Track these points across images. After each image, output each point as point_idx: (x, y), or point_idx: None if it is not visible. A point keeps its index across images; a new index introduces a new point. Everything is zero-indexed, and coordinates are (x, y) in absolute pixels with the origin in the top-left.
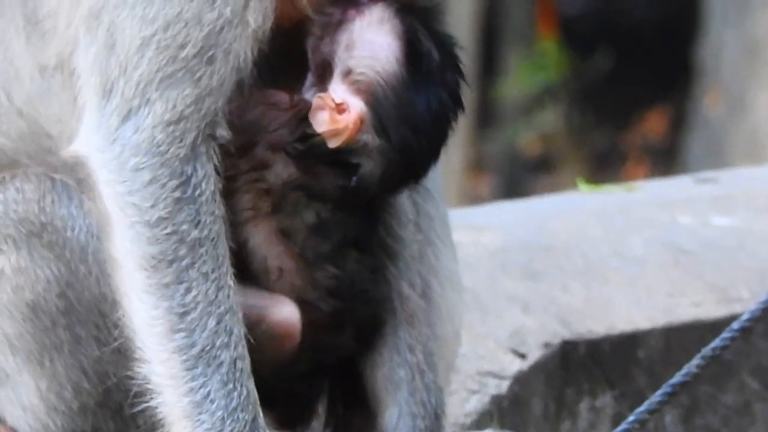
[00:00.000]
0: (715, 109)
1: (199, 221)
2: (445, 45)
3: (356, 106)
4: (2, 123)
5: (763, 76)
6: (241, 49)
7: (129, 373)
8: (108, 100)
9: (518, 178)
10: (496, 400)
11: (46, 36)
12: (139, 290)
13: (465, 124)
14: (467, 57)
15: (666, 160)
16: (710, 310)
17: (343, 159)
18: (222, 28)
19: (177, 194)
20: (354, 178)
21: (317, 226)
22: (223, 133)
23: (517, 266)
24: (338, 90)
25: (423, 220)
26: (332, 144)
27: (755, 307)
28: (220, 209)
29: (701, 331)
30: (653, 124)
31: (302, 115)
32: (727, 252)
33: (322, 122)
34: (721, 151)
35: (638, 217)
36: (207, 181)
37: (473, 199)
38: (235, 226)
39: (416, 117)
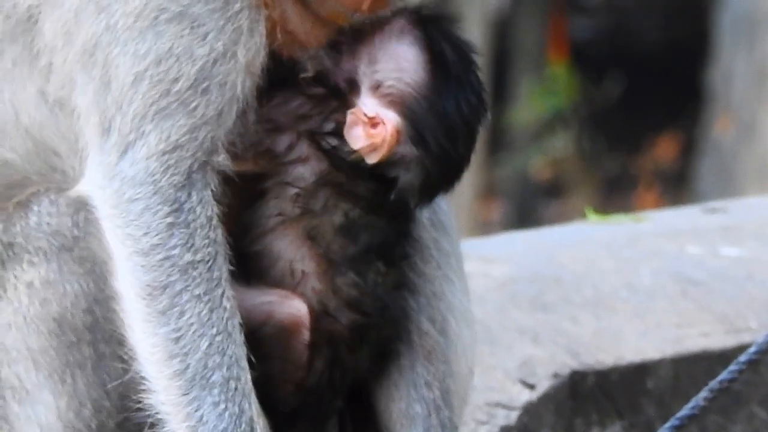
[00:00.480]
0: (726, 134)
1: (192, 245)
2: (464, 49)
3: (391, 118)
4: (11, 139)
5: None
6: (237, 80)
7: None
8: (107, 137)
9: (529, 203)
10: (505, 430)
11: (44, 70)
12: (139, 320)
13: (476, 150)
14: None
15: (677, 184)
16: (719, 340)
17: (380, 174)
18: (215, 62)
19: (169, 220)
20: (393, 191)
21: (344, 227)
22: (223, 160)
23: (526, 297)
24: (369, 104)
25: (441, 257)
26: (371, 159)
27: (764, 338)
28: (216, 233)
29: (710, 361)
30: (664, 149)
31: (334, 107)
32: (736, 282)
33: (357, 138)
34: (732, 176)
35: (647, 247)
36: (202, 206)
37: (484, 224)
38: (259, 231)
39: (449, 122)
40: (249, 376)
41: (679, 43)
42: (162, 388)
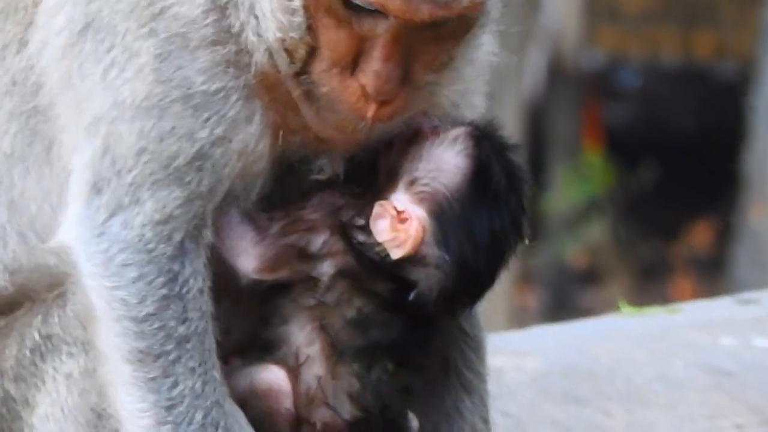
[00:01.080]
0: (762, 220)
1: (186, 318)
2: (515, 173)
3: (418, 215)
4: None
5: None
6: (229, 163)
7: None
8: (98, 196)
9: (565, 290)
10: None
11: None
12: (126, 383)
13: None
14: None
15: (713, 271)
16: (752, 431)
17: (402, 274)
18: (212, 144)
19: (164, 291)
20: (411, 293)
21: (356, 321)
22: (208, 235)
23: (558, 391)
24: (401, 198)
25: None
26: (395, 255)
27: None
28: (207, 305)
29: None
30: (699, 236)
31: (369, 201)
32: None
33: (383, 230)
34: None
35: (680, 339)
36: (194, 278)
37: (520, 310)
38: (273, 314)
39: (477, 233)
40: None
41: (713, 130)
42: None
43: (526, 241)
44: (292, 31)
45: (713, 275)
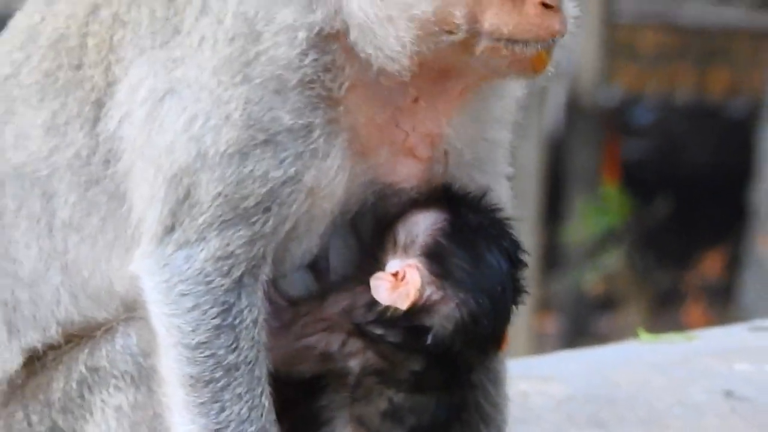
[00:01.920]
0: None
1: (236, 347)
2: (494, 216)
3: (410, 263)
4: (105, 306)
5: None
6: (296, 202)
7: None
8: (169, 233)
9: (583, 316)
10: None
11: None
12: (178, 406)
13: (533, 266)
14: (534, 202)
15: (723, 298)
16: None
17: (417, 324)
18: (283, 184)
19: (217, 321)
20: (429, 337)
21: (389, 412)
22: (267, 271)
23: (583, 416)
24: (393, 264)
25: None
26: (404, 305)
27: None
28: (260, 335)
29: None
30: (710, 265)
31: (370, 300)
32: None
33: (385, 294)
34: None
35: (697, 366)
36: (249, 309)
37: (540, 336)
38: (318, 419)
39: (488, 273)
40: None
41: (725, 165)
42: None
43: (525, 256)
44: (439, 13)
45: (723, 302)
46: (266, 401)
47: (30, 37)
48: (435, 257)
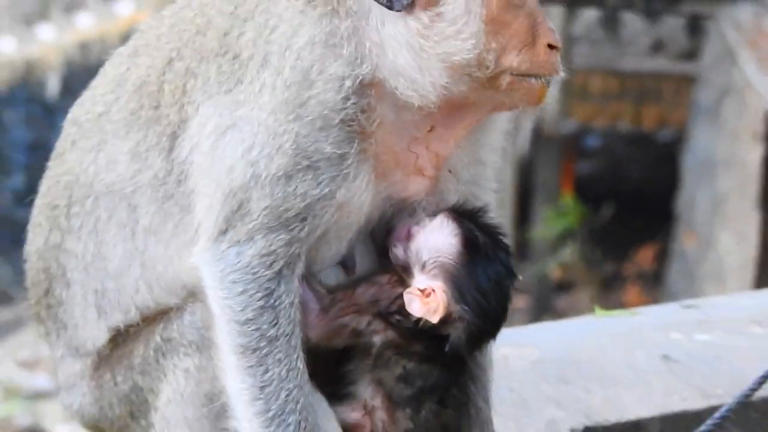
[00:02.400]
0: (689, 246)
1: (276, 323)
2: (495, 233)
3: (438, 285)
4: (176, 295)
5: (725, 222)
6: (327, 214)
7: None
8: (224, 234)
9: (546, 297)
10: None
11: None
12: (232, 369)
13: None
14: (509, 208)
15: (653, 283)
16: (695, 403)
17: (438, 332)
18: (318, 200)
19: (261, 303)
20: (450, 344)
21: (403, 377)
22: (301, 265)
23: (552, 374)
24: (420, 281)
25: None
26: (434, 319)
27: (730, 402)
28: (295, 314)
29: (687, 420)
30: (644, 256)
31: (398, 292)
32: (706, 361)
33: (417, 309)
34: (695, 277)
35: (641, 335)
36: (287, 294)
37: (513, 311)
38: (347, 377)
39: (482, 283)
40: (316, 420)
41: (655, 179)
42: (246, 420)
43: (519, 278)
44: (476, 48)
45: (654, 286)
46: (301, 364)
47: (118, 83)
48: (455, 284)
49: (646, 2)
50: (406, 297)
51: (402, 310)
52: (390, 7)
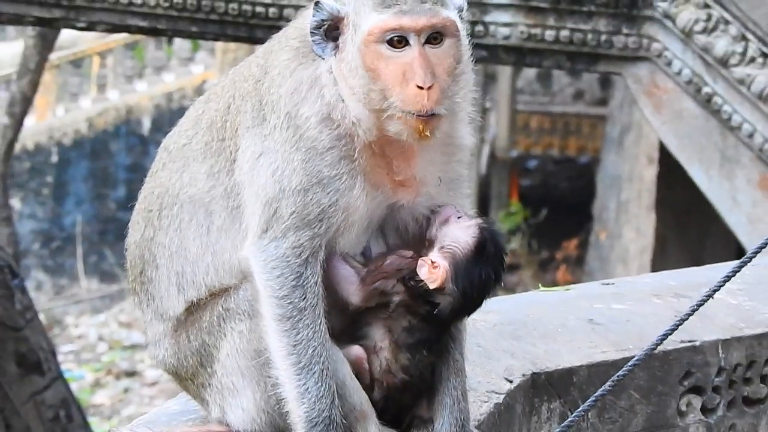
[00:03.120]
0: (603, 239)
1: (305, 297)
2: (500, 247)
3: (444, 264)
4: (235, 277)
5: (628, 221)
6: (337, 215)
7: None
8: (264, 233)
9: None
10: (497, 406)
11: (237, 225)
12: (272, 333)
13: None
14: (473, 211)
15: (576, 266)
16: (612, 355)
17: (432, 299)
18: (329, 206)
19: (293, 283)
20: (437, 309)
21: (408, 328)
22: (322, 254)
23: (508, 332)
24: (434, 255)
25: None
26: (432, 285)
27: (638, 354)
28: (319, 290)
29: (607, 367)
30: (570, 246)
31: (414, 265)
32: (621, 323)
33: (423, 273)
34: (607, 261)
35: (572, 305)
36: (312, 275)
37: None
38: (363, 321)
39: (474, 278)
40: (335, 366)
41: (577, 190)
42: (283, 371)
43: (502, 285)
44: (365, 86)
45: (577, 268)
46: (323, 327)
47: (196, 122)
48: (455, 269)
49: (571, 64)
50: (419, 261)
51: (417, 277)
52: (320, 56)
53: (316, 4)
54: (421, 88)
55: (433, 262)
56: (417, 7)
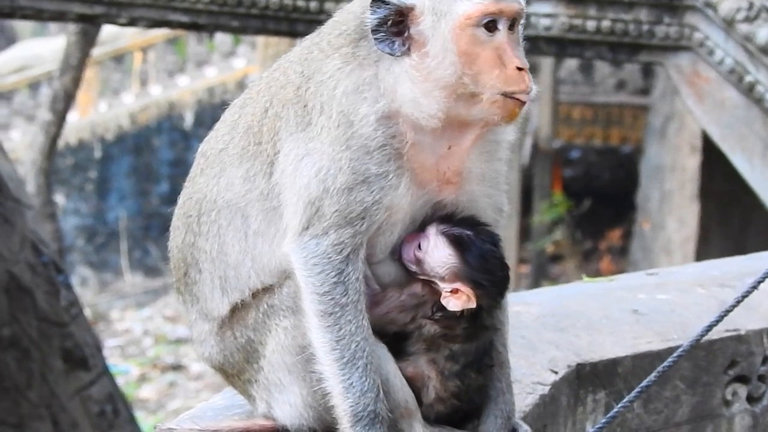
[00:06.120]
0: (646, 229)
1: (346, 293)
2: (469, 221)
3: (458, 284)
4: (276, 275)
5: (671, 211)
6: (379, 213)
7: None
8: (305, 230)
9: (543, 266)
10: (543, 397)
11: (276, 221)
12: (314, 328)
13: (514, 238)
14: (515, 204)
15: (620, 254)
16: (657, 346)
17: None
18: (372, 204)
19: (334, 279)
20: (478, 314)
21: (450, 356)
22: (363, 251)
23: (551, 324)
24: (446, 287)
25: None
26: (473, 305)
27: (684, 344)
28: (360, 286)
29: (652, 358)
30: (613, 236)
31: (435, 299)
32: (665, 313)
33: (456, 305)
34: (650, 251)
35: (616, 295)
36: (354, 272)
37: (519, 275)
38: (407, 354)
39: (483, 265)
40: (379, 362)
41: (621, 181)
42: (327, 366)
43: (500, 240)
44: (455, 74)
45: (621, 258)
46: (365, 323)
47: (232, 127)
48: (468, 277)
49: (612, 54)
50: (444, 301)
51: (443, 310)
52: (392, 54)
53: (376, 1)
54: (520, 69)
55: (453, 292)
56: None
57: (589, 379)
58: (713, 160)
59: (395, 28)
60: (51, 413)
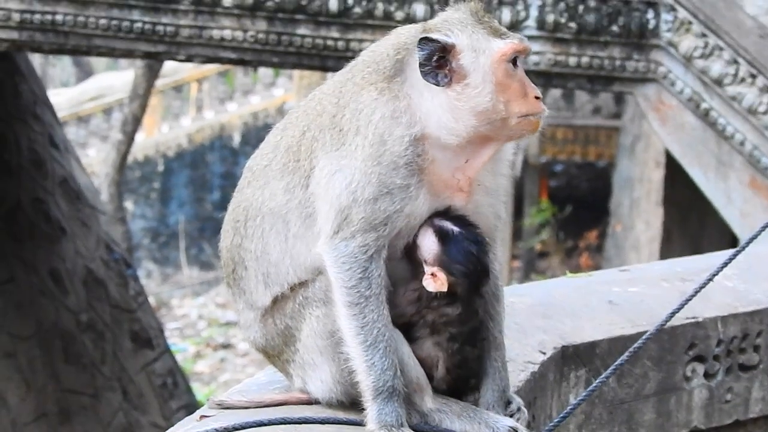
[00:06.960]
0: (618, 231)
1: (370, 287)
2: (461, 221)
3: (436, 269)
4: (312, 273)
5: (638, 215)
6: (399, 220)
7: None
8: (335, 233)
9: (532, 261)
10: (533, 374)
11: (311, 228)
12: (342, 316)
13: (507, 238)
14: (509, 208)
15: (596, 254)
16: (628, 330)
17: (455, 296)
18: (394, 212)
19: (360, 275)
20: (463, 296)
21: (451, 337)
22: (385, 252)
23: (540, 312)
24: (427, 269)
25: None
26: (444, 289)
27: (651, 330)
28: (382, 280)
29: (624, 340)
30: (591, 236)
31: (428, 292)
32: (635, 303)
33: (432, 286)
34: (622, 249)
35: (594, 288)
36: (376, 269)
37: (511, 269)
38: (415, 336)
39: (459, 258)
40: (397, 349)
41: (597, 189)
42: (353, 348)
43: (485, 241)
44: (492, 101)
45: (597, 255)
46: (386, 312)
47: (275, 146)
48: (444, 265)
49: (590, 85)
50: (424, 281)
51: (432, 295)
52: (437, 84)
53: (423, 40)
54: (537, 98)
55: (431, 275)
56: (523, 37)
57: (572, 358)
58: (675, 173)
59: (438, 62)
60: (121, 385)
